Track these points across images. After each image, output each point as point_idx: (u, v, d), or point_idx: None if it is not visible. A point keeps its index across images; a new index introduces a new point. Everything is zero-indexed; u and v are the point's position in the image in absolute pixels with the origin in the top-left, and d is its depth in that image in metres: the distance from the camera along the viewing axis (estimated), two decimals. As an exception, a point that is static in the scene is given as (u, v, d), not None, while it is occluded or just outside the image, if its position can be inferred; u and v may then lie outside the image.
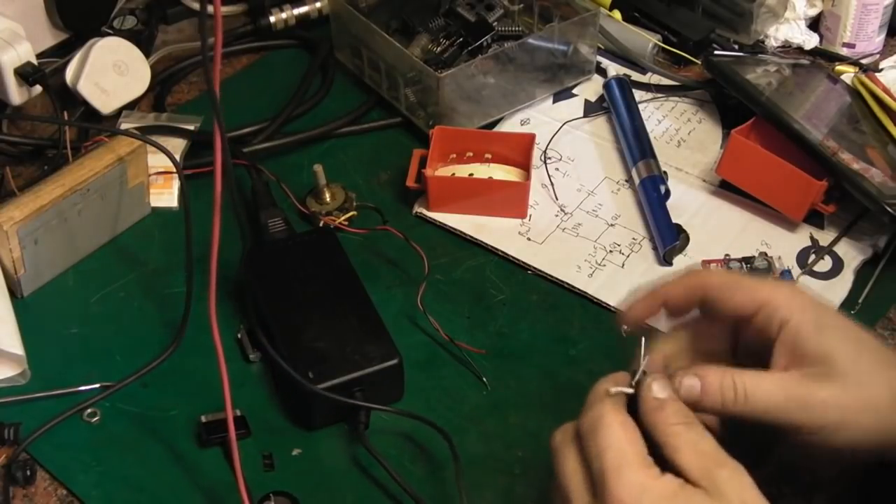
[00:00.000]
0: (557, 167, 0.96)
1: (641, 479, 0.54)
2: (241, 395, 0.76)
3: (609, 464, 0.55)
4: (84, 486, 0.73)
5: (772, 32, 1.08)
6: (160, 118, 0.99)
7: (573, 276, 0.86)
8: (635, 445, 0.56)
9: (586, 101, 1.02)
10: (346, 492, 0.73)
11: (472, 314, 0.84)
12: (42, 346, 0.81)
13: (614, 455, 0.55)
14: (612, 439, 0.56)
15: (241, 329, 0.81)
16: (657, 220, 0.89)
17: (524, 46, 0.98)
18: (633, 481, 0.54)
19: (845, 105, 0.98)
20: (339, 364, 0.74)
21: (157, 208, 0.92)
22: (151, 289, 0.86)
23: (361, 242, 0.88)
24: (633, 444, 0.56)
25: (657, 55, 1.07)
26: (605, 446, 0.55)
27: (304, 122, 1.00)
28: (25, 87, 0.94)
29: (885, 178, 0.88)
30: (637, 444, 0.56)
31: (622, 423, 0.56)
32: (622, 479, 0.54)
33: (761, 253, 0.86)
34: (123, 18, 1.06)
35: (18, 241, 0.81)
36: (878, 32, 1.06)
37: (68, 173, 0.83)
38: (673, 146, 0.98)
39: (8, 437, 0.75)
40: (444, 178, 0.91)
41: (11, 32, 0.93)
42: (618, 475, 0.54)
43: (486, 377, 0.79)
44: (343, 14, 1.03)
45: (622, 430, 0.56)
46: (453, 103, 0.95)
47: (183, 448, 0.75)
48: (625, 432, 0.56)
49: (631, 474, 0.54)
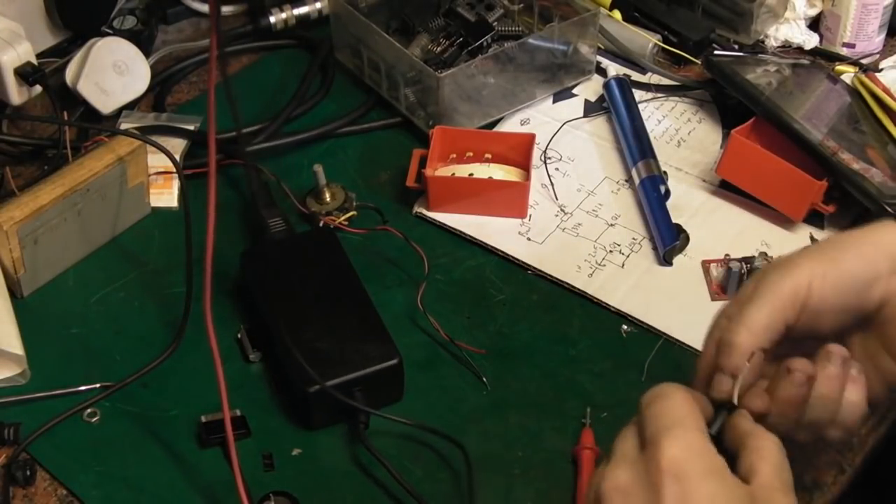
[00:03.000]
0: (557, 167, 0.96)
1: (700, 442, 0.52)
2: (241, 395, 0.76)
3: (665, 423, 0.53)
4: (84, 486, 0.73)
5: (772, 32, 1.08)
6: (160, 118, 0.99)
7: (573, 276, 0.86)
8: (695, 414, 0.54)
9: (586, 101, 1.02)
10: (346, 492, 0.73)
11: (472, 314, 0.84)
12: (42, 346, 0.81)
13: (672, 417, 0.53)
14: (670, 404, 0.54)
15: (241, 329, 0.81)
16: (657, 220, 0.89)
17: (524, 46, 0.98)
18: (690, 441, 0.52)
19: (845, 105, 0.98)
20: (339, 364, 0.74)
21: (157, 208, 0.92)
22: (151, 289, 0.86)
23: (361, 242, 0.88)
24: (694, 413, 0.54)
25: (657, 55, 1.07)
26: (661, 411, 0.53)
27: (304, 122, 1.00)
28: (25, 87, 0.94)
29: (885, 178, 0.88)
30: (698, 415, 0.54)
31: (684, 395, 0.55)
32: (678, 437, 0.52)
33: (761, 253, 0.86)
34: (123, 18, 1.06)
35: (18, 241, 0.81)
36: (878, 32, 1.06)
37: (68, 173, 0.83)
38: (673, 146, 0.98)
39: (8, 437, 0.75)
40: (444, 178, 0.91)
41: (11, 32, 0.93)
42: (673, 434, 0.52)
43: (486, 377, 0.79)
44: (343, 14, 1.03)
45: (683, 399, 0.54)
46: (453, 103, 0.95)
47: (183, 448, 0.75)
48: (686, 401, 0.54)
49: (688, 434, 0.52)
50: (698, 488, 0.51)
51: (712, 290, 0.85)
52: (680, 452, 0.51)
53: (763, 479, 0.54)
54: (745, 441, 0.56)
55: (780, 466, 0.55)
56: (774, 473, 0.54)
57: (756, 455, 0.55)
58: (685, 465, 0.51)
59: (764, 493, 0.53)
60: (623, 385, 0.79)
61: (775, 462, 0.55)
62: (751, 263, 0.84)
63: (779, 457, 0.55)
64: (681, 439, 0.52)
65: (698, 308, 0.84)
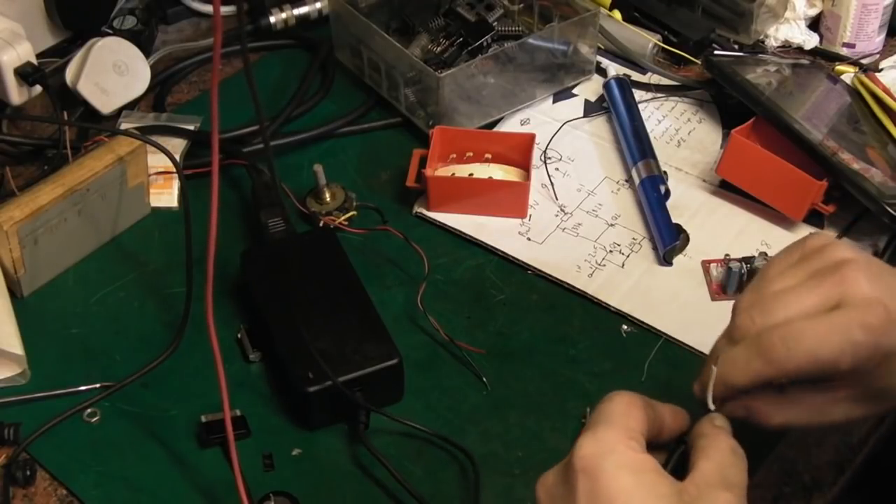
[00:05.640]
0: (557, 167, 0.96)
1: (614, 438, 0.52)
2: (241, 395, 0.76)
3: (591, 421, 0.53)
4: (84, 486, 0.73)
5: (772, 32, 1.08)
6: (160, 118, 0.99)
7: (573, 276, 0.86)
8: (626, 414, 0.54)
9: (586, 101, 1.02)
10: (346, 492, 0.73)
11: (472, 314, 0.84)
12: (42, 346, 0.81)
13: (599, 416, 0.53)
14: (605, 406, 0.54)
15: (241, 329, 0.81)
16: (657, 220, 0.89)
17: (524, 46, 0.98)
18: (603, 438, 0.52)
19: (845, 105, 0.98)
20: (339, 364, 0.74)
21: (157, 208, 0.92)
22: (151, 289, 0.86)
23: (361, 242, 0.88)
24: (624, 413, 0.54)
25: (657, 55, 1.07)
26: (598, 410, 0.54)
27: (304, 122, 1.00)
28: (25, 87, 0.94)
29: (885, 178, 0.88)
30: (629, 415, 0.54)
31: (624, 398, 0.55)
32: (593, 434, 0.52)
33: (761, 253, 0.86)
34: (123, 18, 1.06)
35: (18, 241, 0.81)
36: (878, 32, 1.06)
37: (68, 173, 0.83)
38: (673, 146, 0.98)
39: (8, 437, 0.75)
40: (444, 178, 0.91)
41: (11, 32, 0.93)
42: (591, 431, 0.53)
43: (486, 377, 0.79)
44: (343, 14, 1.03)
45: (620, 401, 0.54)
46: (453, 103, 0.95)
47: (183, 448, 0.75)
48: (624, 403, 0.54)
49: (605, 431, 0.53)
50: (609, 484, 0.51)
51: (712, 290, 0.85)
52: (592, 449, 0.52)
53: (699, 475, 0.53)
54: (696, 442, 0.56)
55: (724, 464, 0.54)
56: (714, 470, 0.53)
57: (701, 453, 0.55)
58: (596, 461, 0.52)
59: (696, 489, 0.52)
60: (623, 385, 0.78)
61: (719, 460, 0.54)
62: (751, 263, 0.84)
63: (725, 456, 0.55)
64: (596, 436, 0.52)
65: (698, 308, 0.84)
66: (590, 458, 0.52)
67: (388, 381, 0.76)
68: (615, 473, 0.51)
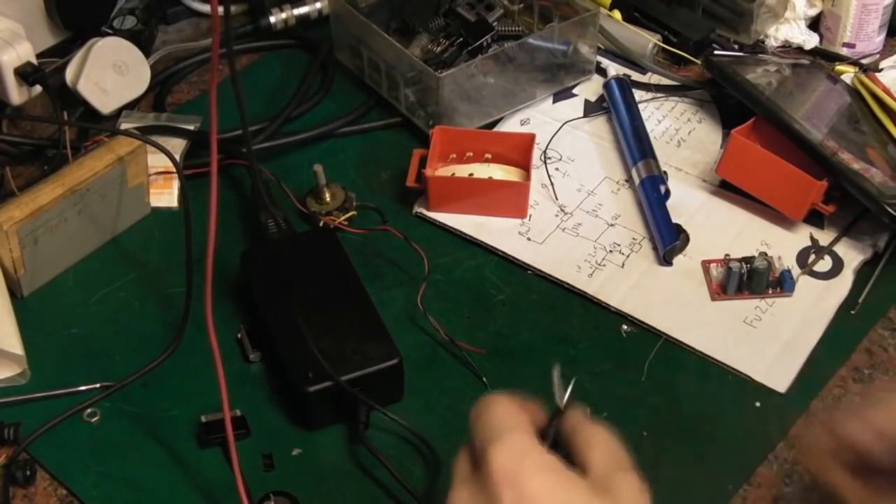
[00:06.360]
0: (557, 167, 0.96)
1: (525, 442, 0.52)
2: (241, 395, 0.76)
3: (491, 433, 0.52)
4: (84, 486, 0.73)
5: (772, 32, 1.08)
6: (160, 118, 0.99)
7: (573, 276, 0.86)
8: (519, 418, 0.53)
9: (586, 101, 1.02)
10: (346, 492, 0.73)
11: (472, 314, 0.84)
12: (42, 346, 0.81)
13: (497, 424, 0.52)
14: (493, 412, 0.53)
15: (241, 329, 0.81)
16: (657, 220, 0.89)
17: (524, 46, 0.98)
18: (515, 444, 0.51)
19: (845, 105, 0.98)
20: (339, 364, 0.74)
21: (157, 208, 0.92)
22: (151, 289, 0.86)
23: (361, 242, 0.88)
24: (517, 417, 0.53)
25: (657, 55, 1.07)
26: (486, 422, 0.53)
27: (304, 122, 1.00)
28: (25, 87, 0.94)
29: (885, 178, 0.88)
30: (521, 417, 0.53)
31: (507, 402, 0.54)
32: (504, 442, 0.51)
33: (761, 253, 0.86)
34: (123, 18, 1.06)
35: (18, 241, 0.81)
36: (878, 32, 1.06)
37: (68, 173, 0.83)
38: (673, 146, 0.98)
39: (8, 437, 0.75)
40: (444, 178, 0.91)
41: (11, 32, 0.93)
42: (499, 440, 0.51)
43: (486, 377, 0.79)
44: (343, 14, 1.03)
45: (505, 406, 0.54)
46: (453, 103, 0.95)
47: (183, 448, 0.75)
48: (508, 408, 0.54)
49: (513, 437, 0.52)
50: (532, 485, 0.50)
51: (712, 290, 0.85)
52: (507, 457, 0.51)
53: (597, 466, 0.53)
54: (572, 439, 0.55)
55: (610, 449, 0.54)
56: (607, 458, 0.53)
57: (584, 447, 0.54)
58: (514, 468, 0.51)
59: (602, 481, 0.52)
60: (623, 385, 0.79)
61: (604, 447, 0.54)
62: (751, 263, 0.84)
63: (605, 441, 0.54)
64: (507, 444, 0.51)
65: (698, 308, 0.84)
66: (509, 467, 0.51)
67: (388, 381, 0.76)
68: (535, 475, 0.51)
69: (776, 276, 0.84)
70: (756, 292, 0.84)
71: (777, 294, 0.84)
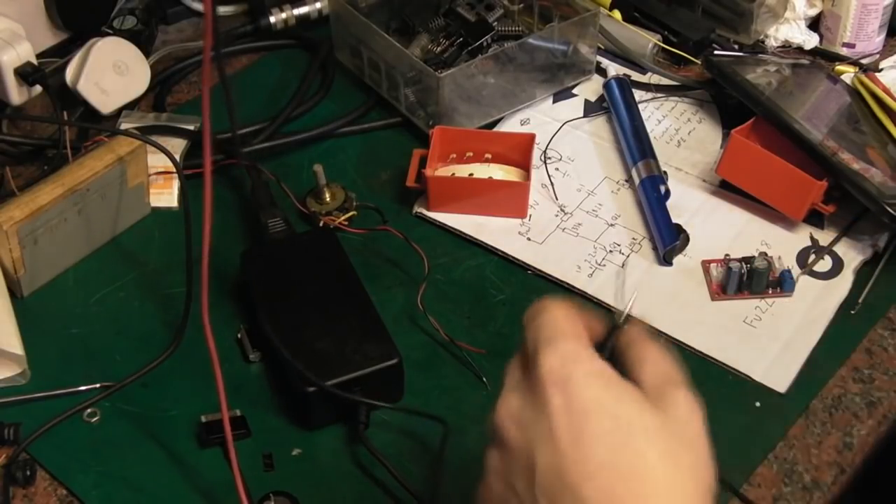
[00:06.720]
0: (557, 167, 0.96)
1: (578, 349, 0.51)
2: (241, 395, 0.76)
3: (544, 337, 0.51)
4: (84, 486, 0.73)
5: (772, 32, 1.08)
6: (160, 118, 0.99)
7: (573, 276, 0.86)
8: (573, 324, 0.52)
9: (586, 101, 1.02)
10: (346, 492, 0.73)
11: (472, 314, 0.84)
12: (42, 346, 0.81)
13: (551, 329, 0.51)
14: (547, 318, 0.52)
15: (241, 329, 0.81)
16: (657, 220, 0.89)
17: (524, 46, 0.98)
18: (568, 349, 0.50)
19: (845, 105, 0.98)
20: (339, 364, 0.74)
21: (157, 208, 0.92)
22: (151, 289, 0.86)
23: (361, 242, 0.88)
24: (571, 323, 0.52)
25: (657, 55, 1.07)
26: (539, 327, 0.52)
27: (304, 122, 1.00)
28: (25, 87, 0.94)
29: (885, 178, 0.88)
30: (576, 324, 0.52)
31: (562, 307, 0.53)
32: (557, 348, 0.50)
33: (761, 253, 0.86)
34: (123, 18, 1.06)
35: (18, 241, 0.81)
36: (878, 32, 1.06)
37: (68, 173, 0.83)
38: (673, 146, 0.98)
39: (8, 437, 0.75)
40: (444, 178, 0.91)
41: (11, 32, 0.93)
42: (552, 345, 0.50)
43: (486, 377, 0.79)
44: (343, 14, 1.03)
45: (560, 311, 0.52)
46: (453, 103, 0.95)
47: (183, 448, 0.75)
48: (566, 314, 0.52)
49: (567, 343, 0.51)
50: (582, 393, 0.49)
51: (712, 290, 0.85)
52: (557, 361, 0.50)
53: (651, 379, 0.51)
54: (627, 353, 0.53)
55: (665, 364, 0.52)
56: (660, 373, 0.52)
57: (637, 361, 0.52)
58: (564, 373, 0.50)
59: (654, 394, 0.51)
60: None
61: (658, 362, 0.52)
62: (751, 263, 0.84)
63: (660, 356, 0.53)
64: (558, 349, 0.50)
65: (698, 308, 0.84)
66: (559, 371, 0.50)
67: (388, 381, 0.76)
68: (586, 383, 0.49)
69: (776, 276, 0.84)
70: (756, 292, 0.84)
71: (777, 294, 0.84)
